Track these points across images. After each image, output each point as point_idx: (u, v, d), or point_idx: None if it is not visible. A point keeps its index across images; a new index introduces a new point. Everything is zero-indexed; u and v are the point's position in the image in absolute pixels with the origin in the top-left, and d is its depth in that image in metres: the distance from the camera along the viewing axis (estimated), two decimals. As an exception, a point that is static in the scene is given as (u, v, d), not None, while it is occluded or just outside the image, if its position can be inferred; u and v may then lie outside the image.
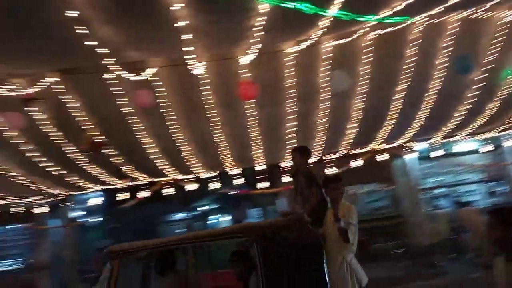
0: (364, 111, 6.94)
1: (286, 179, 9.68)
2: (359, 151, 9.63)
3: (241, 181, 9.97)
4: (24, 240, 13.52)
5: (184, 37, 3.88)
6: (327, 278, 3.31)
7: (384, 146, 9.47)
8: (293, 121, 6.86)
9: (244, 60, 5.27)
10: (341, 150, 9.11)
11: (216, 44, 4.65)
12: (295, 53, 5.44)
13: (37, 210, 10.71)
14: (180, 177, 9.68)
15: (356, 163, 9.70)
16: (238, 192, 12.38)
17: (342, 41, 5.38)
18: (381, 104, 6.95)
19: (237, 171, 9.52)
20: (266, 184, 10.18)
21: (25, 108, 5.42)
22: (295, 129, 7.15)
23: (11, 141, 6.33)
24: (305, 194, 4.12)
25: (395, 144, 9.54)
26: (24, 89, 5.22)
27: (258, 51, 4.82)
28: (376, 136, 8.39)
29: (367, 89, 6.39)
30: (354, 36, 5.34)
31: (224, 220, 18.32)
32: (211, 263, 8.11)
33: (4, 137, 6.16)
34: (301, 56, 5.51)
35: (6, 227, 13.30)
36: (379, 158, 9.80)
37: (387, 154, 9.84)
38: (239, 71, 5.43)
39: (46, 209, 10.80)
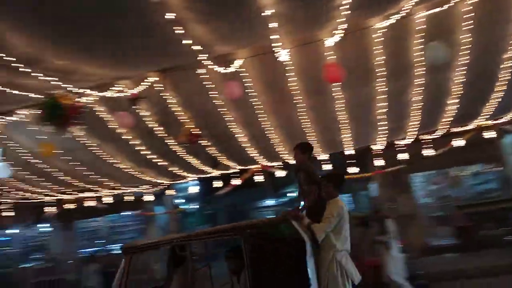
0: (466, 84, 6.30)
1: (378, 162, 9.30)
2: (461, 129, 8.80)
3: (330, 166, 9.85)
4: (134, 225, 15.21)
5: (271, 25, 3.94)
6: (310, 274, 3.38)
7: (491, 122, 8.51)
8: (384, 101, 6.54)
9: (330, 41, 5.14)
10: (440, 128, 8.42)
11: (301, 28, 4.62)
12: (384, 28, 5.14)
13: (145, 198, 11.92)
14: (269, 164, 9.92)
15: (458, 143, 8.89)
16: (327, 177, 12.21)
17: (438, 9, 4.93)
18: (486, 75, 6.24)
19: (325, 156, 9.41)
20: (356, 169, 9.90)
21: (131, 107, 6.03)
22: (386, 110, 6.81)
23: (122, 137, 7.15)
24: (305, 191, 4.19)
25: (504, 119, 8.50)
26: (130, 90, 5.81)
27: (344, 31, 4.66)
28: (482, 111, 7.57)
29: (468, 60, 5.78)
30: (452, 3, 4.86)
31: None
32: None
33: (116, 133, 6.96)
34: (391, 31, 5.18)
35: (120, 213, 15.11)
36: (486, 135, 8.83)
37: (495, 131, 8.83)
38: (325, 54, 5.32)
39: (152, 197, 11.98)
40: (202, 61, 4.80)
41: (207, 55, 4.59)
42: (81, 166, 8.13)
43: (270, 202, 19.89)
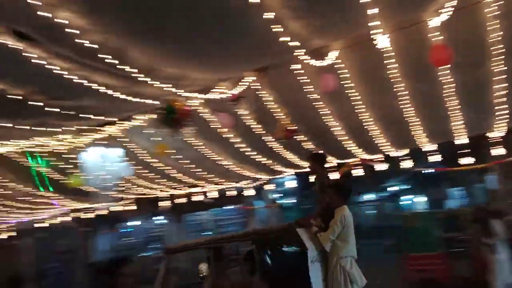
0: None
1: (496, 151, 8.29)
2: None
3: (438, 157, 9.08)
4: (237, 218, 16.04)
5: (369, 11, 3.80)
6: (312, 278, 3.73)
7: None
8: (503, 82, 5.79)
9: (435, 22, 4.74)
10: None
11: (402, 11, 4.35)
12: (500, 0, 4.55)
13: (246, 193, 12.49)
14: (368, 157, 9.57)
15: None
16: (434, 170, 11.36)
17: None
18: None
19: (433, 146, 8.71)
20: (469, 159, 8.96)
21: (232, 107, 6.37)
22: (505, 91, 6.03)
23: (224, 136, 7.60)
24: (319, 199, 4.58)
25: None
26: (230, 91, 6.13)
27: (452, 8, 4.26)
28: None
29: None
30: None
31: (418, 201, 17.10)
32: (416, 246, 7.87)
33: (218, 133, 7.43)
34: (507, 3, 4.57)
35: (223, 208, 16.08)
36: None
37: None
38: (429, 35, 4.93)
39: (252, 192, 12.49)
40: (298, 57, 4.84)
41: (303, 50, 4.61)
42: (189, 164, 8.87)
43: (370, 196, 19.17)
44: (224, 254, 5.14)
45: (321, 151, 5.85)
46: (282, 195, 16.59)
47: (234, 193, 12.47)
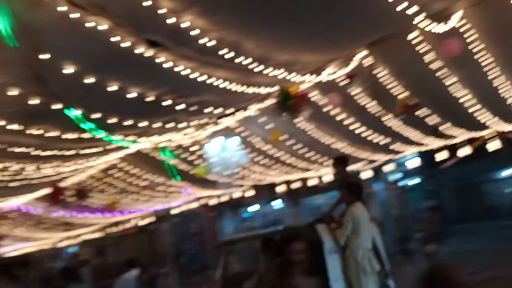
0: None
1: None
2: None
3: None
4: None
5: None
6: (328, 268, 4.32)
7: None
8: None
9: None
10: None
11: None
12: None
13: (363, 175, 12.07)
14: (506, 128, 8.36)
15: None
16: None
17: None
18: None
19: None
20: None
21: (344, 86, 6.17)
22: None
23: (336, 118, 7.42)
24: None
25: None
26: (343, 69, 5.93)
27: None
28: None
29: None
30: None
31: None
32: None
33: (330, 114, 7.28)
34: None
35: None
36: None
37: None
38: None
39: (370, 174, 12.01)
40: (417, 24, 4.43)
41: (423, 15, 4.19)
42: (302, 148, 8.92)
43: (510, 172, 16.68)
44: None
45: (344, 155, 6.42)
46: (403, 175, 15.55)
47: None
